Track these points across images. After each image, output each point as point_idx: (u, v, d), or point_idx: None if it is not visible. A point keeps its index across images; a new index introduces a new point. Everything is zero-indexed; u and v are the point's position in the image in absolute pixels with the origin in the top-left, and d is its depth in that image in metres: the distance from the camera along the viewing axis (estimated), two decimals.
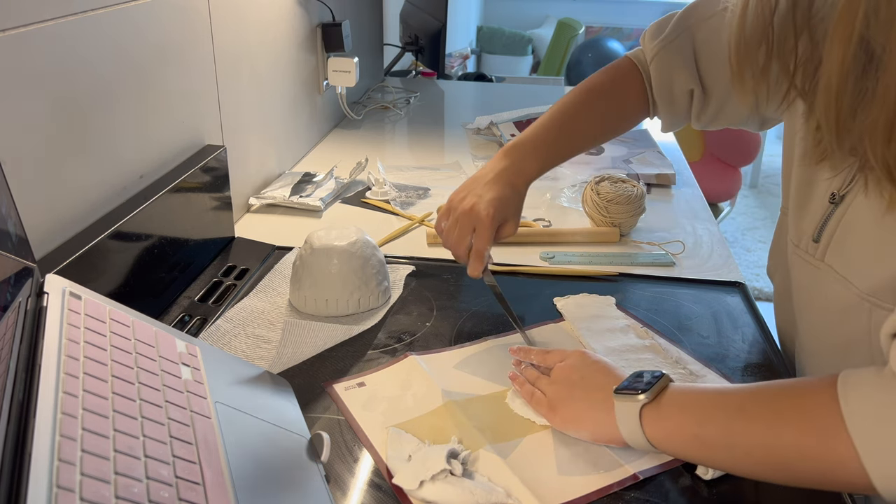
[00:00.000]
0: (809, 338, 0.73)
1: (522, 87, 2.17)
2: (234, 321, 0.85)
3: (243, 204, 1.17)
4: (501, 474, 0.63)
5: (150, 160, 0.89)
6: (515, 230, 0.85)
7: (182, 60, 0.94)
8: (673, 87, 0.86)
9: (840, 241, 0.64)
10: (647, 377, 0.64)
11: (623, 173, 1.23)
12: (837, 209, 0.65)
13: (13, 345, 0.50)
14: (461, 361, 0.79)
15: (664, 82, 0.86)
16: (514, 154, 0.88)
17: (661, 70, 0.86)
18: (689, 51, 0.84)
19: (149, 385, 0.54)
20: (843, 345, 0.66)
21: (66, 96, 0.73)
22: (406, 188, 1.27)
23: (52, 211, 0.73)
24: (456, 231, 0.83)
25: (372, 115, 1.74)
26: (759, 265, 3.11)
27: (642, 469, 0.64)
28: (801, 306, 0.73)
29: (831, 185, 0.65)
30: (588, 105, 0.90)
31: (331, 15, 1.48)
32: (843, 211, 0.64)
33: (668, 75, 0.86)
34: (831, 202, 0.65)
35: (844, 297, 0.63)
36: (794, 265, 0.72)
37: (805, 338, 0.74)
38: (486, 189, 0.83)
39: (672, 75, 0.86)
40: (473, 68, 4.33)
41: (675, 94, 0.87)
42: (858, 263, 0.62)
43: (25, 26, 0.66)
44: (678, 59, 0.85)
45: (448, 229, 0.84)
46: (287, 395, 0.71)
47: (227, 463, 0.53)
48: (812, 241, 0.68)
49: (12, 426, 0.44)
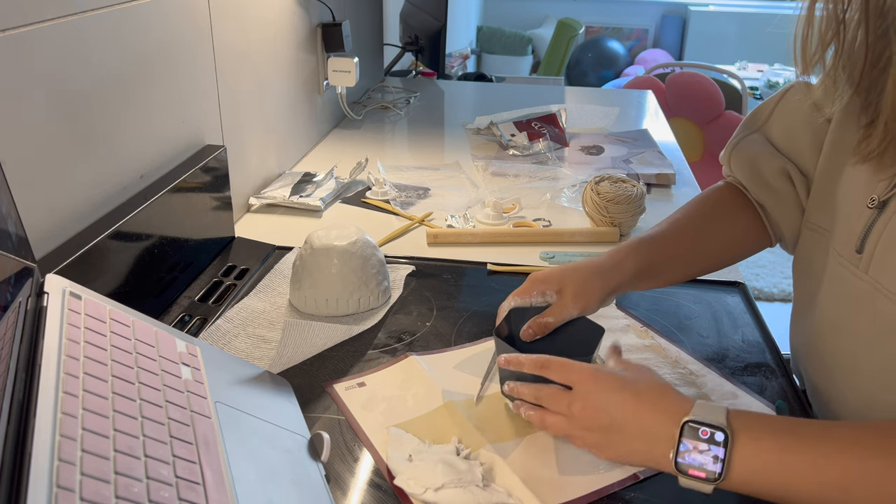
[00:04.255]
0: (847, 356, 0.66)
1: (522, 87, 2.17)
2: (234, 321, 0.85)
3: (243, 204, 1.17)
4: (501, 474, 0.63)
5: (151, 160, 0.89)
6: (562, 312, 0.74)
7: (182, 60, 0.94)
8: (763, 172, 0.78)
9: (886, 253, 0.60)
10: (703, 433, 0.56)
11: (623, 173, 1.23)
12: (881, 217, 0.60)
13: (13, 345, 0.50)
14: (461, 361, 0.79)
15: (753, 173, 0.78)
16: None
17: (743, 160, 0.79)
18: (762, 139, 0.79)
19: (149, 385, 0.54)
20: (885, 364, 0.61)
21: (66, 96, 0.73)
22: (406, 188, 1.27)
23: (52, 211, 0.73)
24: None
25: (372, 115, 1.74)
26: (758, 265, 3.11)
27: (642, 469, 0.64)
28: (838, 321, 0.67)
29: (874, 189, 0.62)
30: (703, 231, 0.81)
31: (331, 15, 1.48)
32: (887, 218, 0.60)
33: (753, 163, 0.78)
34: (870, 207, 0.61)
35: (891, 314, 0.59)
36: (835, 277, 0.67)
37: (840, 357, 0.67)
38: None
39: (755, 160, 0.78)
40: (473, 68, 4.33)
41: (769, 180, 0.77)
42: None
43: (25, 26, 0.66)
44: (758, 147, 0.78)
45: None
46: (287, 395, 0.71)
47: (227, 463, 0.53)
48: (855, 252, 0.63)
49: (12, 426, 0.44)
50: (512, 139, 1.50)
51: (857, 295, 0.63)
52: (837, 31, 0.61)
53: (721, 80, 3.10)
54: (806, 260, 0.74)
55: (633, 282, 0.76)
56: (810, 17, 0.61)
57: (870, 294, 0.61)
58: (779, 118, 0.78)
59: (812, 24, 0.61)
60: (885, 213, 0.60)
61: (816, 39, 0.62)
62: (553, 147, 1.47)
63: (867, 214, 0.62)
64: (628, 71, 4.43)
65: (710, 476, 0.55)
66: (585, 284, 0.73)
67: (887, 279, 0.60)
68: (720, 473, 0.55)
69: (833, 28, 0.61)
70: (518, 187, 1.30)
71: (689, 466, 0.56)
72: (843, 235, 0.65)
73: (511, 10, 5.04)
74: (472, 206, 1.21)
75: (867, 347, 0.63)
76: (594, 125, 1.68)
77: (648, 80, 3.07)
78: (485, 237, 1.09)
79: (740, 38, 4.75)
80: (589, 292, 0.73)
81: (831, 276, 0.67)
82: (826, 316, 0.68)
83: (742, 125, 0.82)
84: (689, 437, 0.56)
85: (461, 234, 1.09)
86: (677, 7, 4.97)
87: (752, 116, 0.81)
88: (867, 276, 0.62)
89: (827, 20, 0.61)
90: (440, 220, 1.15)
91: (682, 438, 0.56)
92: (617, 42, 4.79)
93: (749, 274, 3.07)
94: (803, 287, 0.74)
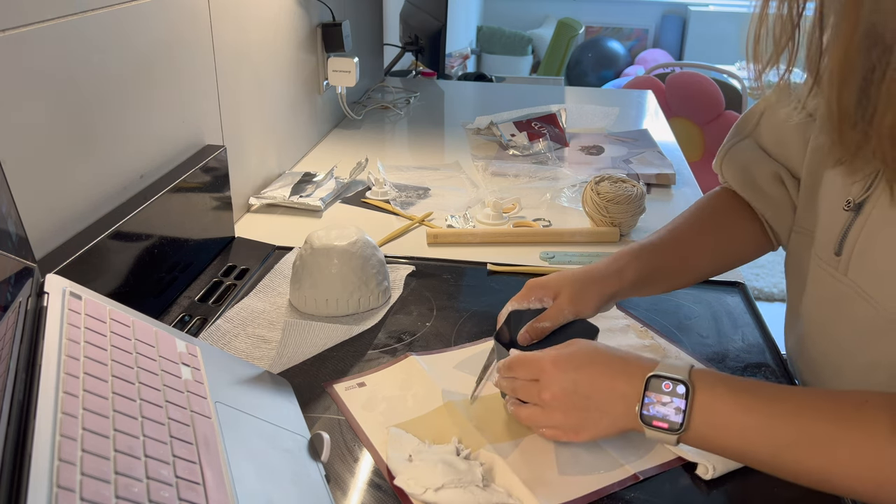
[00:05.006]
0: (832, 356, 0.67)
1: (522, 87, 2.17)
2: (234, 321, 0.85)
3: (243, 204, 1.17)
4: (501, 474, 0.63)
5: (151, 160, 0.89)
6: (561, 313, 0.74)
7: (182, 60, 0.94)
8: (756, 178, 0.78)
9: (863, 255, 0.60)
10: (666, 386, 0.58)
11: (623, 173, 1.23)
12: (857, 219, 0.60)
13: (13, 345, 0.50)
14: (461, 361, 0.79)
15: (746, 180, 0.78)
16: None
17: (736, 166, 0.79)
18: (753, 144, 0.79)
19: (149, 385, 0.54)
20: (869, 365, 0.61)
21: (67, 96, 0.73)
22: (406, 188, 1.27)
23: (52, 211, 0.73)
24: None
25: (372, 115, 1.74)
26: (758, 265, 3.11)
27: (642, 469, 0.64)
28: (822, 322, 0.67)
29: (849, 192, 0.61)
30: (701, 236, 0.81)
31: (331, 15, 1.48)
32: (863, 221, 0.60)
33: (745, 169, 0.79)
34: (846, 209, 0.61)
35: (871, 317, 0.59)
36: (817, 279, 0.67)
37: (827, 357, 0.67)
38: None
39: (747, 166, 0.78)
40: (473, 68, 4.33)
41: (763, 186, 0.78)
42: (885, 280, 0.58)
43: (25, 26, 0.66)
44: (749, 153, 0.79)
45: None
46: (287, 395, 0.71)
47: (227, 463, 0.53)
48: (834, 254, 0.63)
49: (12, 426, 0.44)
50: (512, 139, 1.50)
51: (838, 297, 0.63)
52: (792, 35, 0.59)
53: (721, 80, 3.10)
54: (795, 262, 0.75)
55: (632, 290, 0.77)
56: (763, 16, 0.59)
57: (849, 297, 0.62)
58: (767, 122, 0.78)
59: (766, 23, 0.59)
60: (861, 215, 0.60)
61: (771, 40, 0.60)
62: (553, 147, 1.47)
63: (844, 217, 0.62)
64: (628, 71, 4.44)
65: (672, 426, 0.57)
66: (582, 290, 0.74)
67: (865, 281, 0.60)
68: (682, 424, 0.57)
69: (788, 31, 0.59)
70: (518, 187, 1.30)
71: (653, 418, 0.58)
72: (823, 238, 0.66)
73: (511, 10, 5.04)
74: (472, 206, 1.21)
75: (850, 349, 0.63)
76: (594, 125, 1.68)
77: (648, 80, 3.07)
78: (485, 237, 1.09)
79: (740, 38, 4.74)
80: (585, 298, 0.74)
81: (814, 279, 0.68)
82: (812, 318, 0.69)
83: (732, 131, 0.81)
84: (653, 391, 0.59)
85: (461, 234, 1.09)
86: (677, 7, 4.96)
87: (741, 122, 0.81)
88: (846, 279, 0.62)
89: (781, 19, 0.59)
90: (440, 220, 1.15)
91: (647, 392, 0.59)
92: (617, 42, 4.79)
93: (749, 274, 3.07)
94: (793, 289, 0.75)
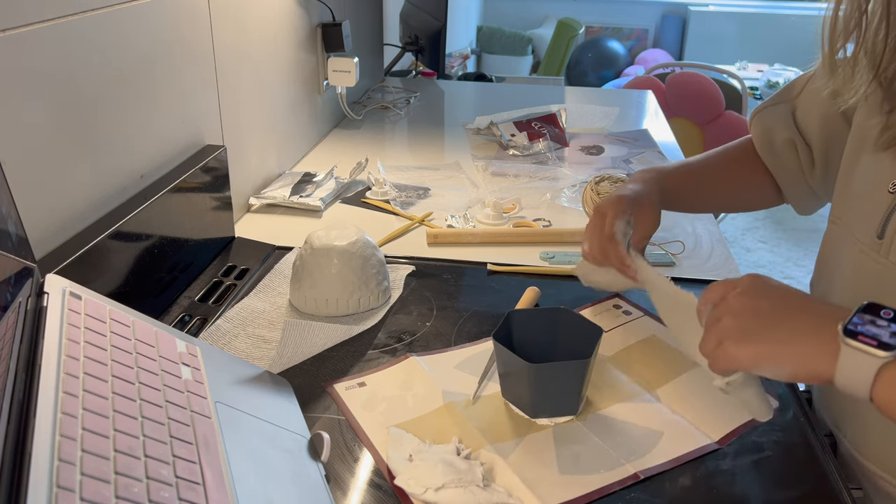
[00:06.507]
0: None
1: (522, 87, 2.17)
2: (234, 321, 0.85)
3: (243, 204, 1.17)
4: (501, 474, 0.63)
5: (151, 160, 0.89)
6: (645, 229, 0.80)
7: (182, 60, 0.94)
8: (774, 141, 0.86)
9: None
10: (886, 314, 0.51)
11: (623, 173, 1.23)
12: None
13: (13, 345, 0.50)
14: (461, 362, 0.79)
15: (765, 140, 0.87)
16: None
17: (761, 128, 0.87)
18: (786, 111, 0.85)
19: (149, 385, 0.54)
20: None
21: (67, 96, 0.73)
22: (406, 188, 1.27)
23: (52, 211, 0.73)
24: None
25: (372, 115, 1.74)
26: (758, 265, 3.11)
27: (643, 468, 0.64)
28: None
29: (894, 174, 0.64)
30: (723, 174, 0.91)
31: (331, 15, 1.48)
32: None
33: (768, 131, 0.86)
34: (891, 192, 0.63)
35: None
36: (856, 264, 0.68)
37: None
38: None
39: (771, 129, 0.86)
40: (473, 68, 4.33)
41: (777, 149, 0.86)
42: None
43: (25, 26, 0.66)
44: (776, 118, 0.86)
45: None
46: (287, 395, 0.71)
47: (227, 463, 0.53)
48: (876, 237, 0.65)
49: (12, 426, 0.44)
50: (512, 139, 1.50)
51: (880, 281, 0.64)
52: (860, 22, 0.64)
53: (721, 80, 3.10)
54: (829, 254, 0.76)
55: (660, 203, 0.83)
56: (836, 11, 0.65)
57: (892, 279, 0.63)
58: (805, 98, 0.83)
59: (837, 17, 0.65)
60: None
61: (841, 29, 0.65)
62: (553, 147, 1.47)
63: (888, 200, 0.64)
64: (628, 71, 4.44)
65: (882, 344, 0.49)
66: (641, 211, 0.80)
67: None
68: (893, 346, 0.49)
69: (856, 18, 0.64)
70: (518, 187, 1.30)
71: (861, 334, 0.50)
72: (864, 222, 0.67)
73: (511, 10, 5.04)
74: (472, 206, 1.21)
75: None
76: (594, 125, 1.68)
77: (648, 80, 3.07)
78: (485, 237, 1.09)
79: (740, 38, 4.75)
80: (653, 214, 0.81)
81: (853, 265, 0.69)
82: (849, 302, 0.68)
83: (778, 92, 0.88)
84: (867, 313, 0.51)
85: (461, 234, 1.09)
86: (677, 7, 4.97)
87: (788, 86, 0.87)
88: (888, 261, 0.63)
89: (850, 11, 0.64)
90: (440, 220, 1.15)
91: (858, 314, 0.51)
92: (617, 42, 4.79)
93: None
94: (825, 282, 0.76)
